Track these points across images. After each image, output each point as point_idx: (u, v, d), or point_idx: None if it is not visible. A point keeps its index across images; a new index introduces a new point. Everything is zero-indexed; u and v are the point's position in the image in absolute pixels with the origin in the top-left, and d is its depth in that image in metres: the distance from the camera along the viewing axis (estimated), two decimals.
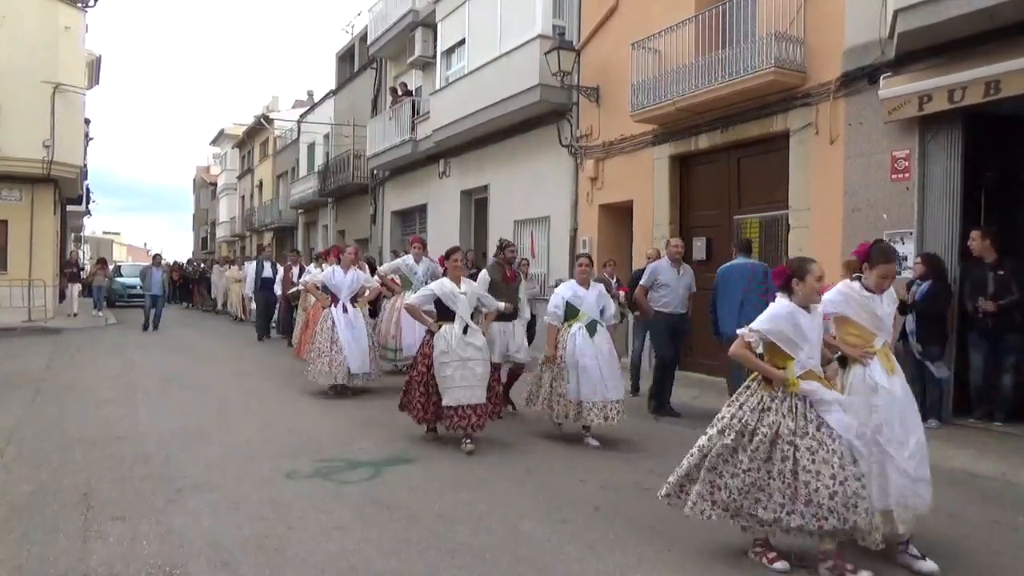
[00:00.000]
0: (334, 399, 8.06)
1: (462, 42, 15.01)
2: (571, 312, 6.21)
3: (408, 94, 17.96)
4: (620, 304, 8.50)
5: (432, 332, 6.03)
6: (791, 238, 8.70)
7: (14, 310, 16.59)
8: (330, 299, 8.35)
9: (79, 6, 17.91)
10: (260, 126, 34.76)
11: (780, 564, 3.63)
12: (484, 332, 6.18)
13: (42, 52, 16.83)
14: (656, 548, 3.90)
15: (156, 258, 18.21)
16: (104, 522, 4.09)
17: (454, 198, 16.43)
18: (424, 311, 6.25)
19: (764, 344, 3.73)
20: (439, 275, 8.76)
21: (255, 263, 15.64)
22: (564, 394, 6.09)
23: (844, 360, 3.85)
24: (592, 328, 6.14)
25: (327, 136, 25.43)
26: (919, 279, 6.82)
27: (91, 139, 26.66)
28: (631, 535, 4.07)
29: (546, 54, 11.50)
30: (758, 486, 3.57)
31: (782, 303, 3.71)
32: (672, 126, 10.23)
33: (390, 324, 9.10)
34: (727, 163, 9.89)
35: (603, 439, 6.31)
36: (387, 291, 9.43)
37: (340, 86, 25.54)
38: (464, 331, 5.89)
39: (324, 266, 10.44)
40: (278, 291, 14.36)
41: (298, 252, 15.35)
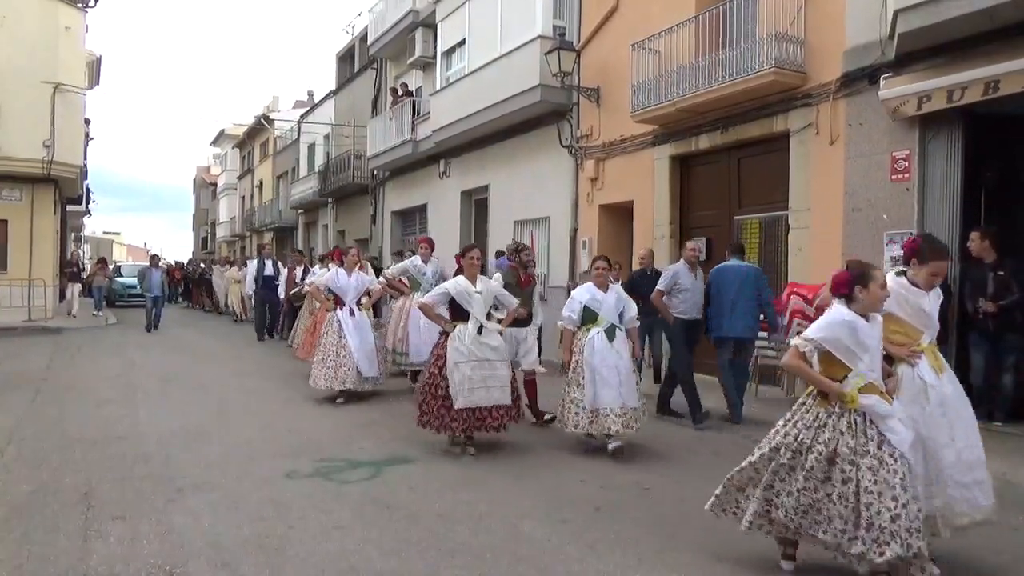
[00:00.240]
0: (336, 400, 8.04)
1: (462, 42, 15.01)
2: (589, 316, 5.94)
3: (408, 94, 17.96)
4: None
5: (446, 333, 5.82)
6: (791, 238, 8.70)
7: (14, 310, 16.60)
8: (335, 302, 8.16)
9: (79, 6, 17.92)
10: (260, 126, 34.79)
11: (787, 564, 3.60)
12: (501, 332, 5.93)
13: (42, 52, 16.84)
14: (656, 548, 3.90)
15: (154, 259, 18.14)
16: (104, 522, 4.09)
17: (454, 198, 16.43)
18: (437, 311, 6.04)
19: (819, 354, 3.46)
20: (448, 276, 8.70)
21: (256, 261, 15.53)
22: (578, 400, 5.79)
23: (890, 359, 3.64)
24: (611, 333, 5.88)
25: (327, 136, 25.44)
26: None
27: (91, 139, 26.68)
28: (631, 535, 4.07)
29: (546, 54, 11.50)
30: (816, 508, 3.36)
31: (840, 310, 3.44)
32: (672, 126, 10.23)
33: (397, 327, 8.77)
34: (727, 163, 9.89)
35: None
36: (395, 293, 9.19)
37: (340, 86, 25.55)
38: (479, 331, 5.70)
39: (330, 266, 10.24)
40: (281, 293, 14.15)
41: (301, 252, 15.10)
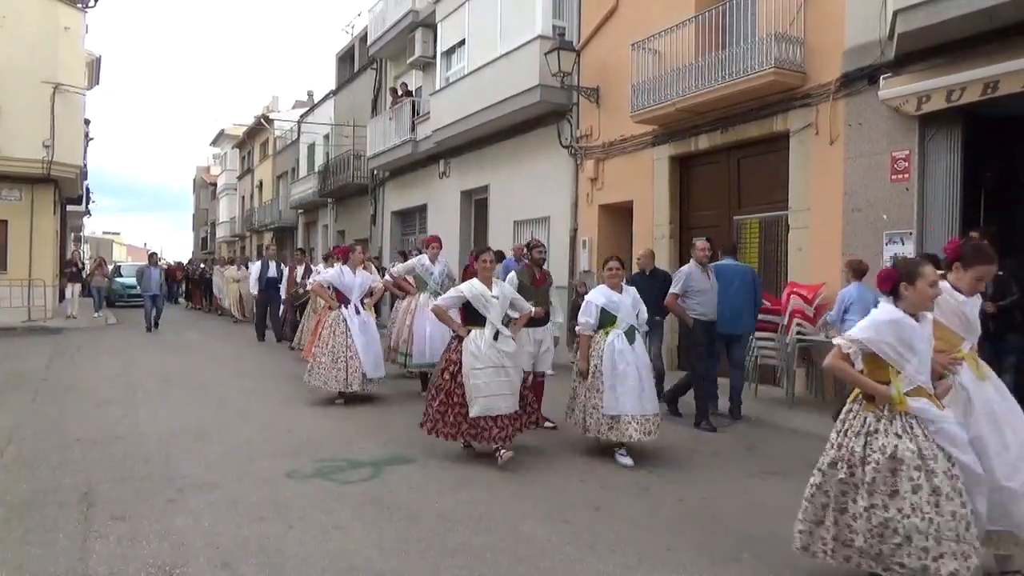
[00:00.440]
0: (336, 400, 8.03)
1: (462, 42, 15.02)
2: (606, 319, 5.72)
3: (408, 94, 17.96)
4: None
5: (460, 337, 5.61)
6: (791, 238, 8.71)
7: (14, 310, 16.60)
8: (338, 301, 7.99)
9: (79, 6, 17.92)
10: (260, 126, 34.80)
11: None
12: (514, 338, 5.74)
13: (42, 52, 16.83)
14: (656, 548, 3.90)
15: (153, 257, 17.87)
16: (104, 522, 4.09)
17: (454, 198, 16.43)
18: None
19: (863, 356, 3.28)
20: (455, 276, 8.49)
21: (260, 262, 15.23)
22: (599, 407, 5.56)
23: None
24: (631, 335, 5.68)
25: (327, 136, 25.45)
26: None
27: (91, 139, 26.66)
28: (631, 535, 4.08)
29: (546, 54, 11.50)
30: (891, 527, 3.04)
31: (886, 308, 3.26)
32: (672, 127, 10.24)
33: (403, 327, 8.51)
34: (727, 163, 9.90)
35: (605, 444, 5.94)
36: (400, 293, 9.01)
37: (340, 86, 25.55)
38: (495, 337, 5.49)
39: (335, 264, 10.16)
40: (283, 293, 13.79)
41: (302, 251, 14.83)
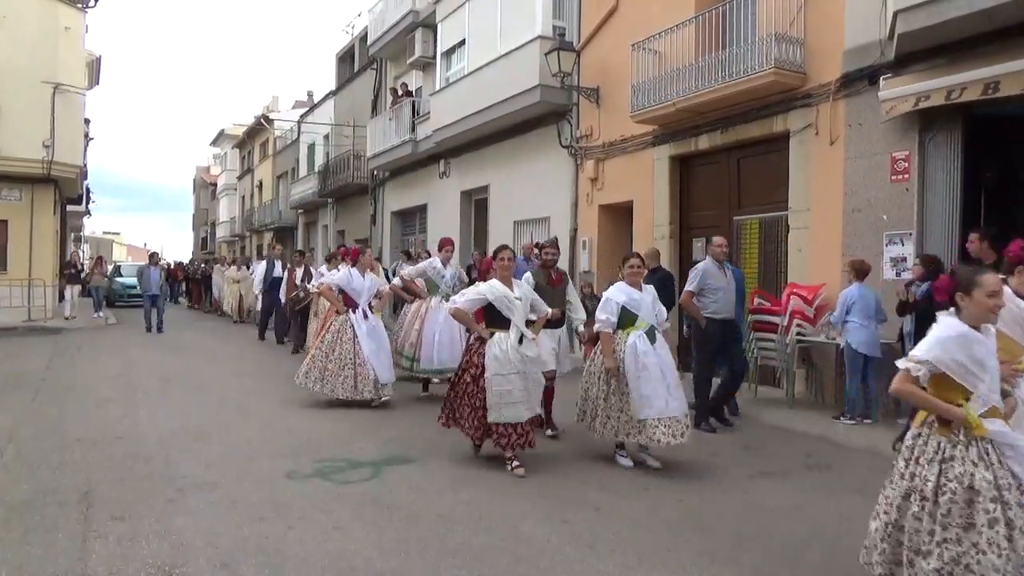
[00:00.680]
0: (335, 400, 8.00)
1: (462, 43, 15.01)
2: (627, 319, 5.50)
3: (408, 94, 17.96)
4: None
5: (482, 339, 5.42)
6: (791, 239, 8.71)
7: (14, 310, 16.59)
8: (346, 304, 7.79)
9: (79, 6, 17.92)
10: (260, 126, 34.79)
11: None
12: (535, 340, 5.54)
13: (42, 52, 16.83)
14: (656, 548, 3.90)
15: (153, 257, 17.60)
16: (104, 522, 4.09)
17: (454, 198, 16.43)
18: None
19: (931, 377, 2.96)
20: (465, 280, 8.37)
21: (264, 262, 14.96)
22: (624, 409, 5.41)
23: None
24: (651, 335, 5.48)
25: (327, 136, 25.44)
26: (918, 280, 6.82)
27: (91, 139, 26.65)
28: (631, 535, 4.08)
29: (546, 55, 11.50)
30: (963, 563, 2.77)
31: (949, 323, 2.95)
32: (672, 127, 10.23)
33: (411, 331, 8.24)
34: (727, 164, 9.90)
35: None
36: (408, 297, 8.76)
37: (340, 86, 25.55)
38: (519, 340, 5.30)
39: (342, 267, 9.70)
40: (282, 295, 13.28)
41: (302, 252, 14.47)
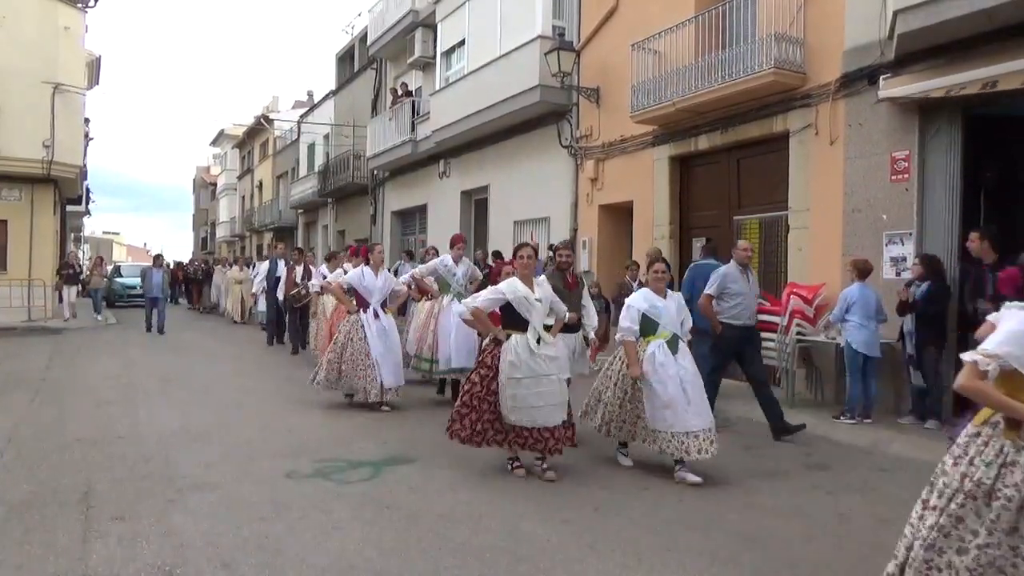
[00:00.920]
0: (335, 400, 8.01)
1: (462, 43, 15.02)
2: (648, 326, 5.30)
3: (408, 94, 17.96)
4: None
5: (498, 341, 5.22)
6: (791, 238, 8.71)
7: (14, 310, 16.58)
8: (357, 304, 7.59)
9: (79, 6, 17.93)
10: (260, 126, 34.80)
11: None
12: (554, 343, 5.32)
13: (42, 52, 16.86)
14: (656, 548, 3.90)
15: (157, 259, 17.42)
16: (104, 522, 4.09)
17: (454, 198, 16.44)
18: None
19: (1000, 375, 2.72)
20: (478, 277, 8.24)
21: (267, 261, 14.68)
22: (641, 416, 5.29)
23: None
24: (673, 344, 5.27)
25: (327, 136, 25.45)
26: (918, 280, 6.83)
27: (91, 139, 26.66)
28: (631, 535, 4.07)
29: (546, 55, 11.51)
30: (996, 566, 2.63)
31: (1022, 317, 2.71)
32: (672, 127, 10.24)
33: (426, 332, 7.98)
34: (727, 164, 9.90)
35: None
36: (417, 296, 8.60)
37: (340, 87, 25.56)
38: (537, 343, 5.10)
39: (347, 266, 9.70)
40: (280, 294, 13.01)
41: (301, 251, 14.21)
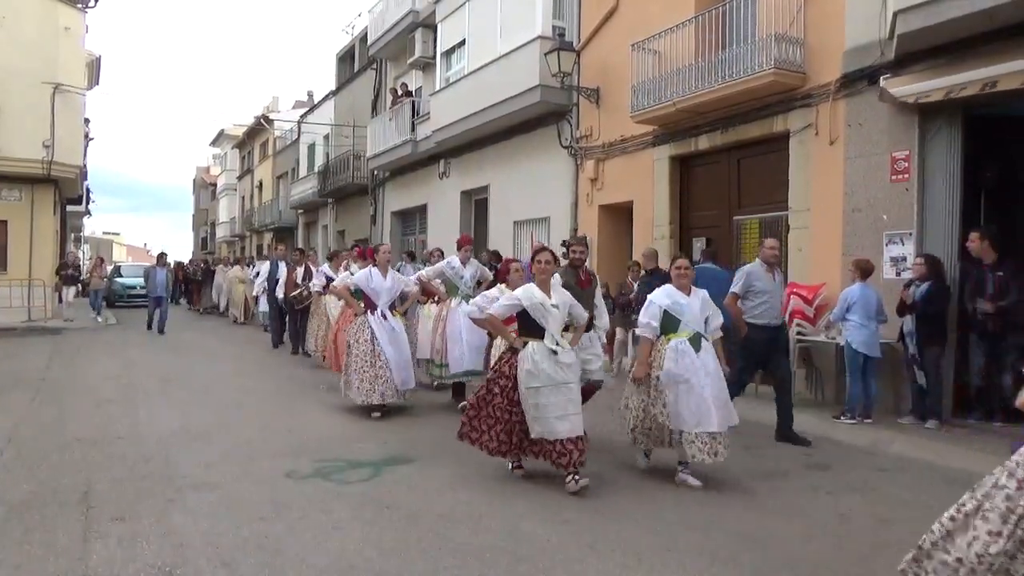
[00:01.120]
0: (334, 400, 8.00)
1: (462, 43, 15.02)
2: (670, 324, 5.15)
3: (408, 95, 17.96)
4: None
5: (514, 349, 5.05)
6: (791, 238, 8.71)
7: (14, 310, 16.59)
8: (365, 306, 7.40)
9: (79, 6, 17.94)
10: (260, 127, 34.80)
11: None
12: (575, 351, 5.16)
13: (42, 52, 16.86)
14: (656, 548, 3.90)
15: (161, 257, 17.15)
16: (104, 522, 4.09)
17: (454, 198, 16.44)
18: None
19: None
20: (487, 278, 8.04)
21: (268, 262, 14.55)
22: (663, 422, 5.08)
23: None
24: (696, 342, 5.09)
25: (327, 137, 25.45)
26: (919, 280, 6.83)
27: (91, 139, 26.66)
28: (631, 535, 4.07)
29: (546, 55, 11.51)
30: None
31: None
32: (672, 127, 10.24)
33: (435, 336, 7.81)
34: (727, 164, 9.90)
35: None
36: (423, 298, 8.41)
37: (340, 87, 25.57)
38: (554, 351, 4.92)
39: (354, 267, 9.61)
40: (279, 294, 12.82)
41: (302, 251, 13.99)
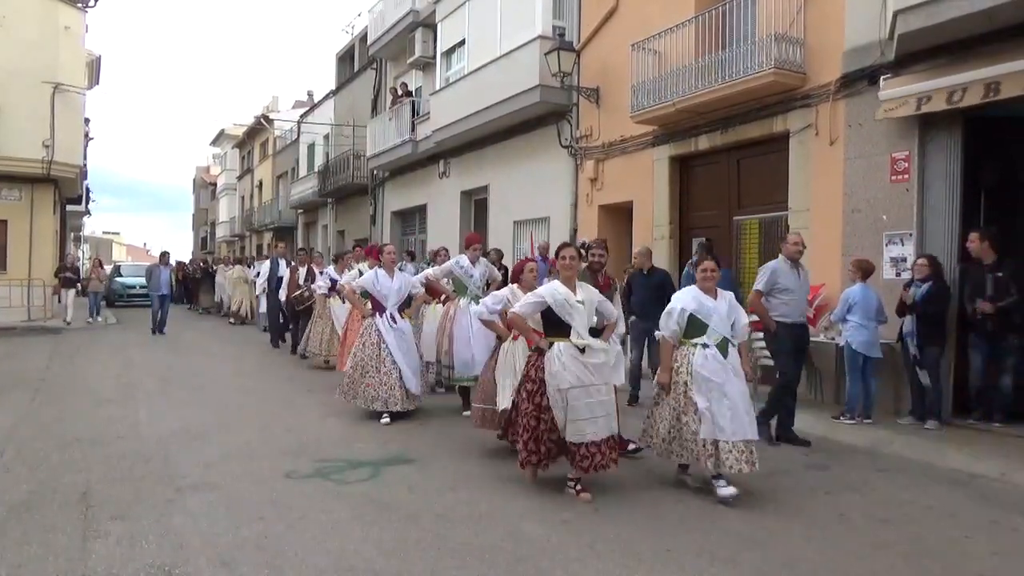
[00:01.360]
0: (334, 400, 7.97)
1: (462, 43, 15.02)
2: (697, 328, 4.93)
3: (408, 94, 17.97)
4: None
5: (540, 350, 4.86)
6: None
7: (13, 310, 16.59)
8: (372, 308, 7.26)
9: (79, 6, 17.94)
10: (260, 126, 34.81)
11: None
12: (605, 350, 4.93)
13: (42, 52, 16.86)
14: (656, 548, 3.90)
15: (164, 256, 16.99)
16: (104, 522, 4.09)
17: (454, 198, 16.44)
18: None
19: None
20: (496, 279, 7.94)
21: (269, 261, 14.39)
22: (696, 432, 4.77)
23: None
24: (724, 347, 4.89)
25: (327, 136, 25.46)
26: (920, 280, 6.82)
27: (91, 139, 26.67)
28: (631, 535, 4.07)
29: (546, 55, 11.51)
30: None
31: None
32: (672, 127, 10.24)
33: (443, 337, 7.54)
34: (727, 164, 9.90)
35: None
36: (428, 298, 8.22)
37: (340, 86, 25.57)
38: (582, 350, 4.74)
39: (362, 267, 9.53)
40: (282, 295, 12.74)
41: (304, 251, 13.82)
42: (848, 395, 7.19)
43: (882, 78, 7.42)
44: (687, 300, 5.01)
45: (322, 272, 11.42)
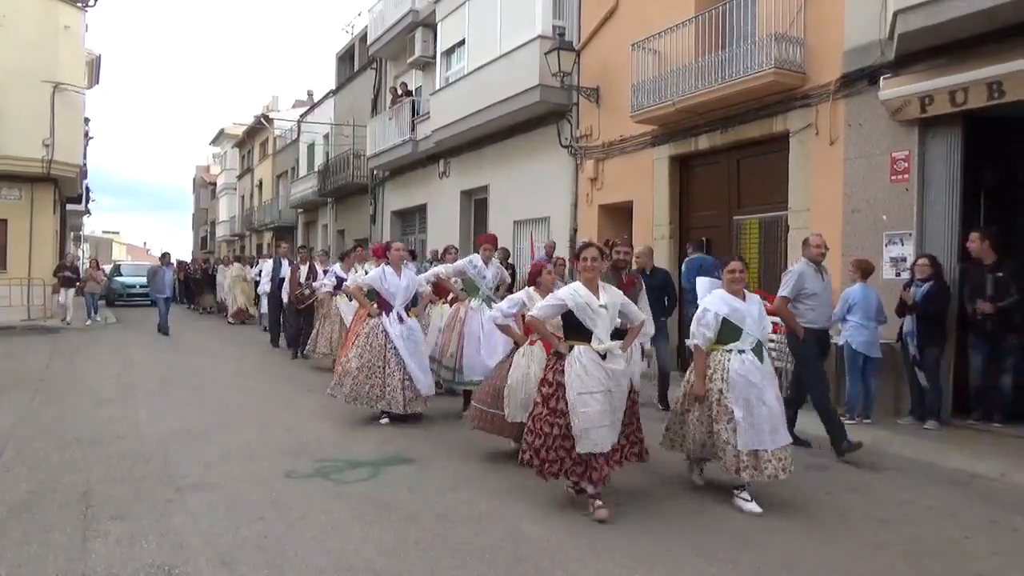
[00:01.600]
0: (334, 400, 7.92)
1: (462, 42, 15.01)
2: (730, 333, 4.71)
3: (408, 94, 17.96)
4: None
5: (560, 355, 4.66)
6: (791, 239, 8.70)
7: (13, 309, 16.59)
8: (379, 307, 7.09)
9: (79, 6, 17.94)
10: (260, 126, 34.80)
11: None
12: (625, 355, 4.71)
13: (42, 52, 16.86)
14: (656, 548, 3.90)
15: (165, 257, 16.92)
16: (103, 522, 4.09)
17: (454, 198, 16.43)
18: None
19: None
20: (507, 281, 7.80)
21: (271, 261, 14.36)
22: (727, 442, 4.59)
23: None
24: (759, 352, 4.71)
25: (327, 136, 25.46)
26: (920, 280, 6.83)
27: (91, 139, 26.66)
28: (631, 535, 4.08)
29: (546, 54, 11.50)
30: None
31: None
32: (672, 127, 10.23)
33: (450, 337, 7.36)
34: (727, 164, 9.90)
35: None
36: (435, 298, 8.14)
37: (340, 86, 25.57)
38: (603, 355, 4.52)
39: (368, 266, 9.40)
40: (284, 295, 12.44)
41: (304, 249, 13.64)
42: (848, 395, 7.20)
43: (882, 78, 7.42)
44: (718, 304, 4.75)
45: (326, 270, 11.34)
